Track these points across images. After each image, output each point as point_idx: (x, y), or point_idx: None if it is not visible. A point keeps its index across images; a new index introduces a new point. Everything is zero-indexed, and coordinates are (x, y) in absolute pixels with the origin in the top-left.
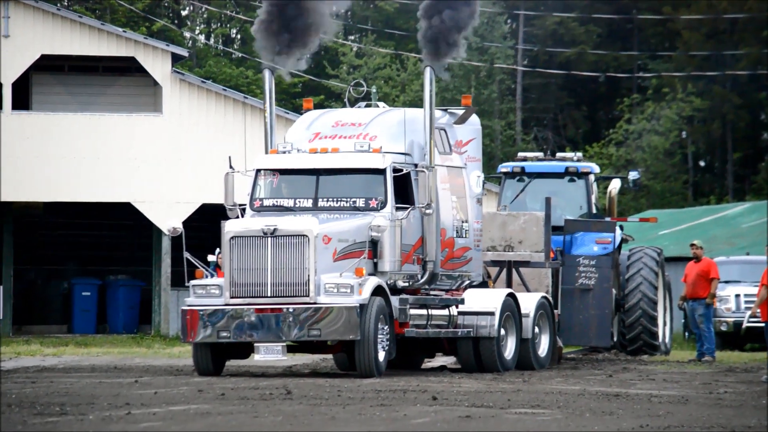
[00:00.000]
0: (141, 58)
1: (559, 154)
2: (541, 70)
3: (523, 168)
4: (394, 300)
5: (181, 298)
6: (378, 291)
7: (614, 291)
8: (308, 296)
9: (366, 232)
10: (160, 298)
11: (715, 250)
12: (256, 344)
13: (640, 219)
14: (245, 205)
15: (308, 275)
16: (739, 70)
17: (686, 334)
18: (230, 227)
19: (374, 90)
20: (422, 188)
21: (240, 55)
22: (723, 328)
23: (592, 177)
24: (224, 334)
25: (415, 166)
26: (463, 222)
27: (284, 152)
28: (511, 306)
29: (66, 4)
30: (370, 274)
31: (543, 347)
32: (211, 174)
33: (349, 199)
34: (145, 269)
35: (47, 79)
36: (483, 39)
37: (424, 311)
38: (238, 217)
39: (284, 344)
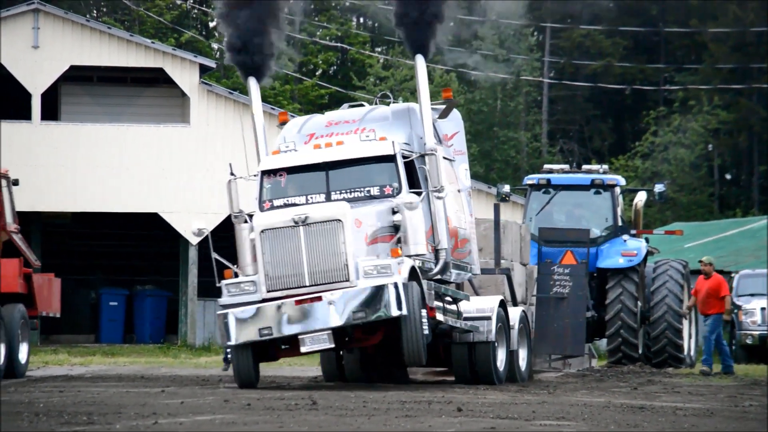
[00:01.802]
0: (169, 69)
1: (585, 167)
2: (567, 82)
3: (549, 180)
4: (425, 284)
5: (207, 309)
6: (412, 274)
7: (588, 299)
8: (348, 280)
9: (390, 217)
10: (187, 308)
11: (741, 263)
12: (300, 336)
13: (666, 231)
14: (249, 212)
15: (345, 260)
16: (766, 83)
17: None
18: (259, 221)
19: (401, 101)
20: (432, 172)
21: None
22: (748, 341)
23: (617, 189)
24: (266, 331)
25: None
26: (461, 213)
27: (287, 151)
28: (502, 314)
29: (95, 15)
30: None
31: (522, 360)
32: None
33: (363, 189)
34: (172, 279)
35: (76, 90)
36: (509, 51)
37: (440, 303)
38: (246, 221)
39: (329, 332)
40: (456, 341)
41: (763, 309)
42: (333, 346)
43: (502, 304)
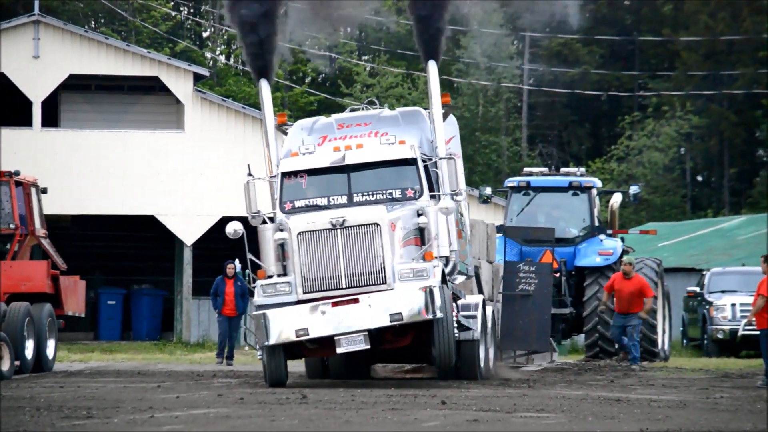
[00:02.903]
0: (164, 77)
1: (563, 170)
2: (546, 89)
3: (528, 183)
4: (450, 286)
5: (202, 307)
6: (443, 277)
7: (566, 296)
8: (385, 283)
9: (415, 219)
10: (182, 307)
11: (713, 261)
12: (336, 338)
13: (641, 231)
14: (268, 213)
15: (383, 263)
16: (736, 89)
17: (684, 341)
18: (296, 224)
19: (386, 108)
20: (451, 176)
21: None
22: (719, 335)
23: (594, 191)
24: (302, 332)
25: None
26: (461, 216)
27: (306, 153)
28: (483, 314)
29: (93, 26)
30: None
31: (491, 357)
32: (231, 188)
33: (384, 192)
34: (167, 279)
35: (75, 98)
36: (490, 59)
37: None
38: (264, 222)
39: (366, 334)
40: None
41: (733, 305)
42: (369, 347)
43: (485, 304)
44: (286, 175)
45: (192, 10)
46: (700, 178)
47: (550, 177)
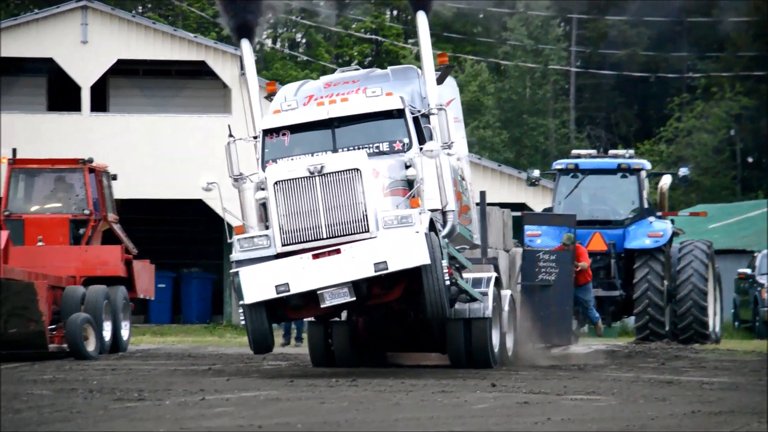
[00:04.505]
0: (211, 62)
1: (611, 152)
2: (593, 71)
3: (576, 165)
4: (442, 240)
5: None
6: (431, 226)
7: (573, 286)
8: (368, 231)
9: (403, 171)
10: (231, 290)
11: (764, 243)
12: (319, 292)
13: (691, 213)
14: (251, 174)
15: (365, 210)
16: None
17: (735, 323)
18: (272, 173)
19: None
20: (441, 128)
21: (305, 58)
22: None
23: (643, 173)
24: (283, 287)
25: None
26: (462, 179)
27: (289, 110)
28: (496, 293)
29: (141, 11)
30: None
31: (510, 344)
32: None
33: (371, 145)
34: (216, 263)
35: (123, 83)
36: (537, 41)
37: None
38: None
39: (350, 285)
40: (451, 317)
41: None
42: (354, 299)
43: (497, 283)
44: (267, 132)
45: None
46: (750, 159)
47: (598, 159)
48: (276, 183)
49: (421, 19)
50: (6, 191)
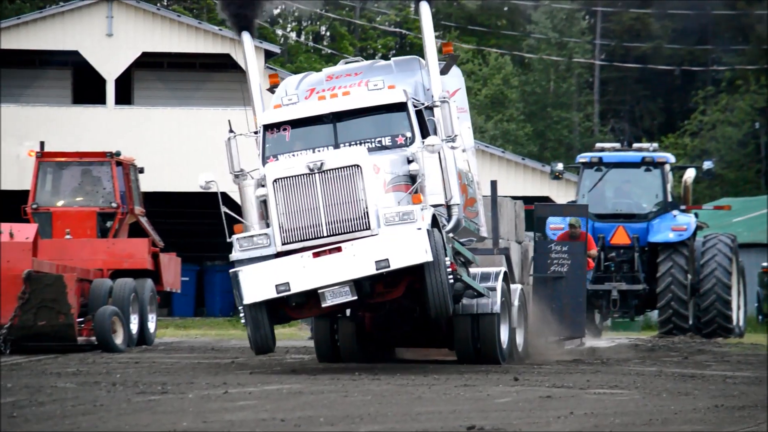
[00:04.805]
0: (235, 54)
1: (635, 145)
2: (618, 64)
3: (600, 158)
4: (446, 235)
5: None
6: (434, 222)
7: (587, 279)
8: (369, 228)
9: (406, 166)
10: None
11: None
12: (320, 291)
13: (715, 207)
14: (252, 170)
15: (366, 207)
16: None
17: (759, 317)
18: (271, 170)
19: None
20: (445, 120)
21: (329, 51)
22: None
23: (667, 167)
24: (283, 287)
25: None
26: (468, 172)
27: (290, 104)
28: (505, 288)
29: (165, 3)
30: None
31: (520, 340)
32: None
33: (374, 139)
34: None
35: (148, 76)
36: (562, 34)
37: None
38: (245, 178)
39: (351, 284)
40: (459, 312)
41: None
42: (356, 298)
43: (506, 278)
44: (268, 128)
45: None
46: None
47: (622, 152)
48: (275, 181)
49: (425, 10)
50: (34, 184)
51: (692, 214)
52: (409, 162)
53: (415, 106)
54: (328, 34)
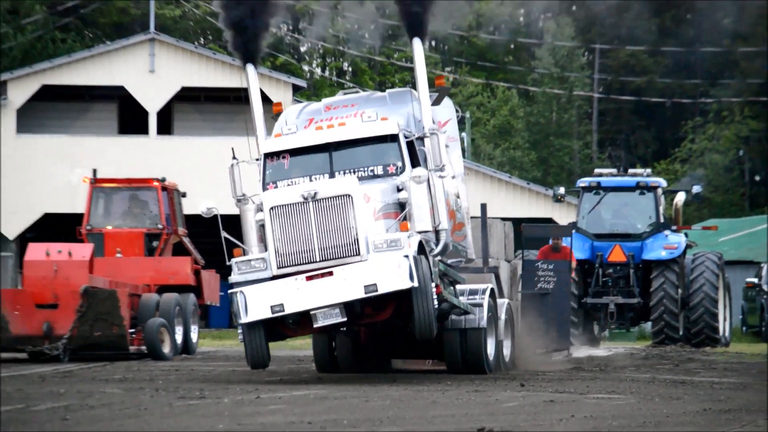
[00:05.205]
0: (266, 88)
1: (630, 170)
2: (614, 96)
3: (599, 183)
4: (430, 261)
5: None
6: (420, 248)
7: (572, 294)
8: (359, 254)
9: (395, 195)
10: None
11: None
12: (312, 312)
13: (703, 227)
14: (252, 195)
15: (356, 234)
16: None
17: (744, 328)
18: (268, 198)
19: (467, 115)
20: (434, 151)
21: (352, 85)
22: None
23: (660, 190)
24: (278, 308)
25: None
26: (457, 197)
27: (290, 134)
28: (491, 303)
29: (203, 42)
30: None
31: (507, 351)
32: None
33: (366, 168)
34: None
35: (187, 108)
36: (563, 70)
37: (441, 282)
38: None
39: (341, 306)
40: (448, 327)
41: None
42: (345, 319)
43: (492, 294)
44: (268, 156)
45: (291, 27)
46: (757, 178)
47: (618, 177)
48: (272, 208)
49: (417, 46)
50: (88, 208)
51: (682, 233)
52: (399, 190)
53: (406, 137)
54: (350, 69)
